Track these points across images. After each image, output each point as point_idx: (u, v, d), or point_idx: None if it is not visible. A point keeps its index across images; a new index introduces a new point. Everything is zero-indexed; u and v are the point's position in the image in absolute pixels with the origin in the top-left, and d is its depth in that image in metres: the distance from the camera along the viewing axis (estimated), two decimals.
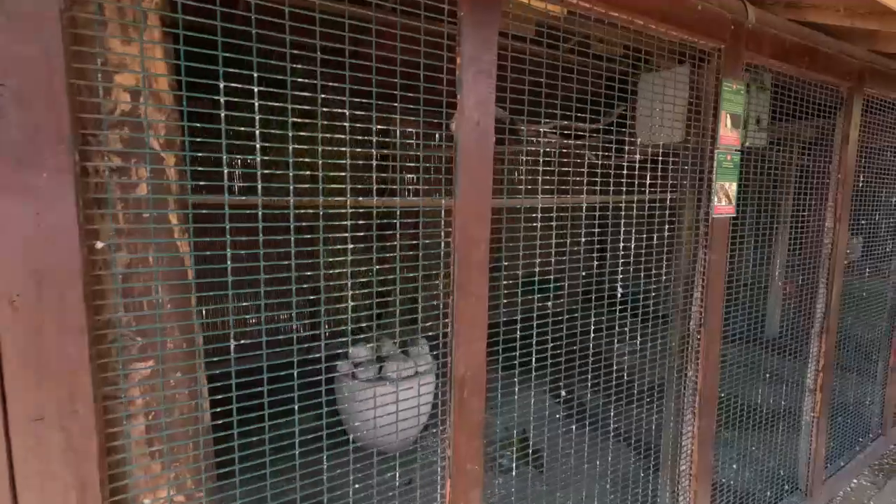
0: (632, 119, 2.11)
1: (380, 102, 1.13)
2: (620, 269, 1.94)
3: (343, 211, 1.17)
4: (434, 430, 3.76)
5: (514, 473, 3.13)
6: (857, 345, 3.38)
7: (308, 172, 1.46)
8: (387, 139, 4.62)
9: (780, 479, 2.85)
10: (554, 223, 1.63)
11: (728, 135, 1.90)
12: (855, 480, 3.23)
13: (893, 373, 3.53)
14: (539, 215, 1.56)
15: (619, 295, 1.84)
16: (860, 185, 2.85)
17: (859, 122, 2.62)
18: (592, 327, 1.82)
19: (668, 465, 2.16)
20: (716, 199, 1.91)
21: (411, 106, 1.21)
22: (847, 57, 2.46)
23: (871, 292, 3.36)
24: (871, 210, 2.99)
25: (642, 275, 1.97)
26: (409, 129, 4.66)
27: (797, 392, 2.82)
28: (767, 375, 2.91)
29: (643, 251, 2.01)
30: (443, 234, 1.28)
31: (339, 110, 1.13)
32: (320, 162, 1.39)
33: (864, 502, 3.03)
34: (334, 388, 3.31)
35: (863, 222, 2.93)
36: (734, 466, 3.09)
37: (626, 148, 2.02)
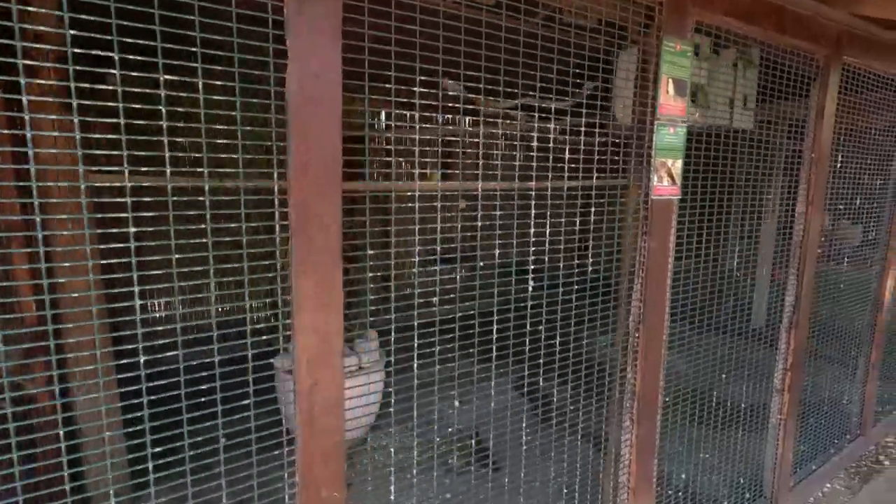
0: (604, 99, 1.85)
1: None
2: (543, 256, 1.70)
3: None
4: (388, 430, 3.56)
5: (453, 475, 2.93)
6: (838, 339, 3.14)
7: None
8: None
9: (742, 486, 2.63)
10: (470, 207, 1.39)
11: (671, 104, 1.64)
12: (828, 485, 3.01)
13: (875, 369, 3.29)
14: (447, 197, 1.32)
15: (530, 288, 1.61)
16: (838, 165, 2.59)
17: (837, 94, 2.34)
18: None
19: (609, 474, 1.95)
20: (655, 179, 1.66)
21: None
22: (823, 20, 2.18)
23: (851, 282, 3.12)
24: (851, 194, 2.73)
25: (576, 266, 1.74)
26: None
27: (769, 389, 2.60)
28: (745, 369, 2.69)
29: (577, 240, 1.77)
30: (277, 214, 1.04)
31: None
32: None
33: None
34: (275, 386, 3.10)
35: (840, 207, 2.67)
36: (688, 472, 2.88)
37: (597, 130, 1.76)
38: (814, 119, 2.32)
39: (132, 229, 0.88)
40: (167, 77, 0.87)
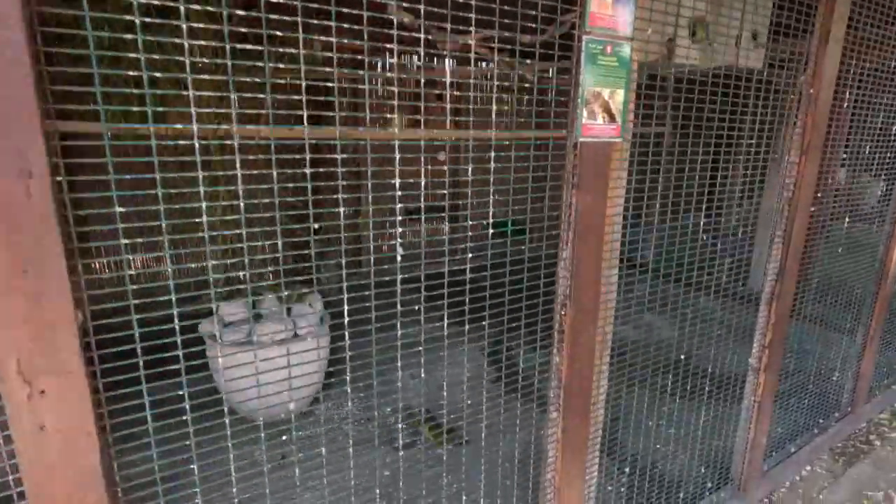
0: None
1: None
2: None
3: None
4: (335, 401, 3.34)
5: (400, 454, 2.71)
6: (835, 307, 2.78)
7: None
8: None
9: (707, 472, 2.37)
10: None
11: (604, 14, 1.23)
12: (808, 468, 2.74)
13: (873, 342, 2.95)
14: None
15: (398, 256, 1.28)
16: (845, 106, 2.15)
17: (847, 14, 1.88)
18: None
19: (540, 470, 1.68)
20: (585, 115, 1.28)
21: None
22: None
23: (857, 245, 2.72)
24: (858, 140, 2.29)
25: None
26: None
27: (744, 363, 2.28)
28: (727, 337, 2.37)
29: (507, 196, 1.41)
30: None
31: None
32: None
33: (812, 496, 2.56)
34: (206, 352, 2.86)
35: (844, 156, 2.24)
36: (646, 453, 2.62)
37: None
38: (816, 45, 1.87)
39: None
40: None
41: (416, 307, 1.38)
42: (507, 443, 2.67)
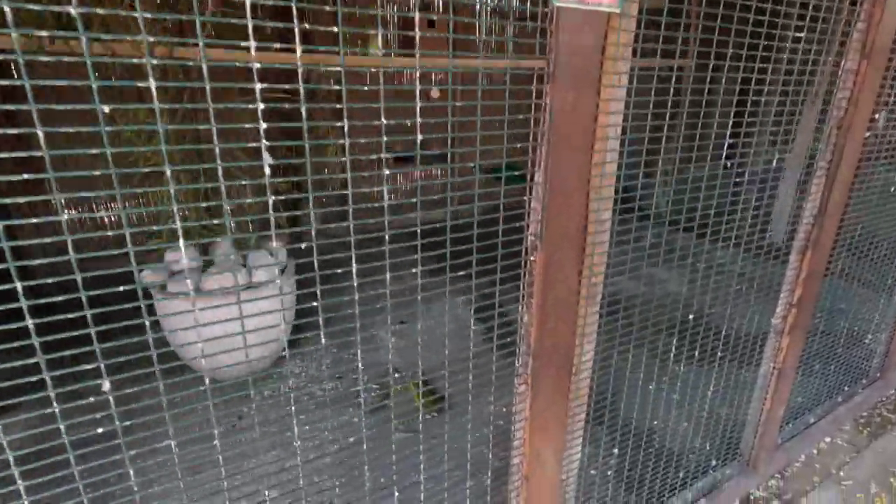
0: None
1: None
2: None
3: None
4: (301, 356, 3.07)
5: (362, 422, 2.44)
6: (868, 262, 2.39)
7: None
8: None
9: (712, 446, 2.07)
10: None
11: None
12: (827, 439, 2.43)
13: None
14: None
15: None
16: None
17: None
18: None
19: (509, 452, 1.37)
20: None
21: None
22: None
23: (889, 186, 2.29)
24: None
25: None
26: None
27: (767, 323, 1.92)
28: (740, 294, 2.01)
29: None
30: None
31: None
32: None
33: (831, 471, 2.26)
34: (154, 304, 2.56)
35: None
36: (642, 422, 2.31)
37: None
38: None
39: None
40: None
41: (399, 260, 1.03)
42: (489, 408, 2.39)
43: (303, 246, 0.92)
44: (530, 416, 1.21)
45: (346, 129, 0.82)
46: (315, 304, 0.89)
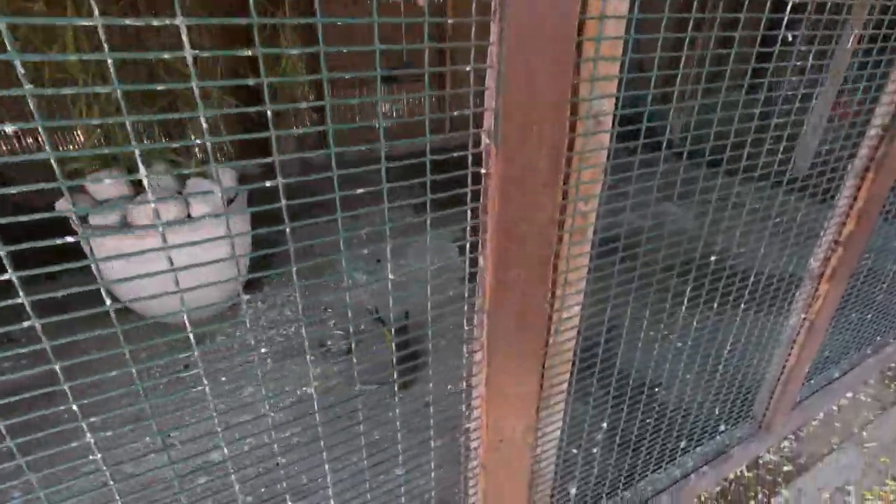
0: None
1: None
2: None
3: None
4: (257, 302, 2.76)
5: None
6: None
7: None
8: None
9: (722, 407, 1.78)
10: None
11: None
12: (849, 395, 2.15)
13: None
14: None
15: None
16: None
17: None
18: None
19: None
20: None
21: None
22: None
23: None
24: None
25: None
26: None
27: (789, 266, 1.57)
28: (755, 232, 1.64)
29: None
30: None
31: None
32: None
33: (853, 430, 1.99)
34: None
35: None
36: (640, 373, 2.01)
37: None
38: None
39: None
40: None
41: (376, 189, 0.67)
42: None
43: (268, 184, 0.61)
44: (486, 392, 0.88)
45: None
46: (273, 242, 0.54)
